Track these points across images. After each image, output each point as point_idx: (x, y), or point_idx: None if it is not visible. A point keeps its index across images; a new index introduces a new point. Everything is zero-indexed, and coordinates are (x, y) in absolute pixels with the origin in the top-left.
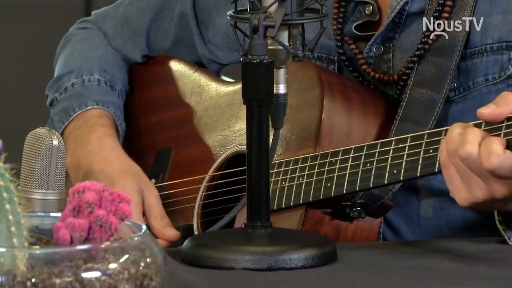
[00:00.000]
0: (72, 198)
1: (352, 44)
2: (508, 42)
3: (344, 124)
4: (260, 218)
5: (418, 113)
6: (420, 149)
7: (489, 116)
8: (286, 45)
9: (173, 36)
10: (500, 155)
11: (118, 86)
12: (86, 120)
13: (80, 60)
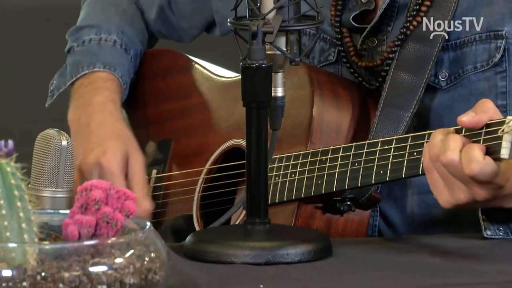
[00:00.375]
0: (80, 196)
1: (348, 37)
2: (496, 31)
3: (334, 121)
4: (259, 215)
5: (401, 97)
6: (405, 151)
7: (469, 123)
8: (284, 50)
9: (190, 5)
10: (480, 161)
11: (133, 49)
12: (93, 81)
13: (102, 15)
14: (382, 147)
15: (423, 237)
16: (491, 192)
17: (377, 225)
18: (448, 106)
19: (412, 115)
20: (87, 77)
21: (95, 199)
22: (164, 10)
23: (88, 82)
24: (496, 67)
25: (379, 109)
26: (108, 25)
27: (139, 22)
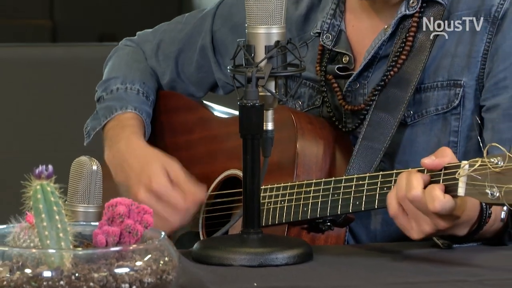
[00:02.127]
0: (107, 211)
1: (334, 83)
2: (455, 80)
3: (313, 156)
4: (253, 226)
5: (376, 132)
6: (376, 187)
7: (430, 165)
8: (273, 92)
9: (196, 63)
10: (441, 200)
11: (151, 97)
12: (120, 121)
13: (126, 70)
14: (357, 182)
15: (386, 245)
16: (450, 222)
17: (346, 240)
18: (411, 139)
19: (385, 148)
20: (115, 119)
21: (119, 214)
22: (175, 79)
23: (115, 124)
24: (453, 110)
25: (358, 142)
26: (132, 77)
27: (154, 77)
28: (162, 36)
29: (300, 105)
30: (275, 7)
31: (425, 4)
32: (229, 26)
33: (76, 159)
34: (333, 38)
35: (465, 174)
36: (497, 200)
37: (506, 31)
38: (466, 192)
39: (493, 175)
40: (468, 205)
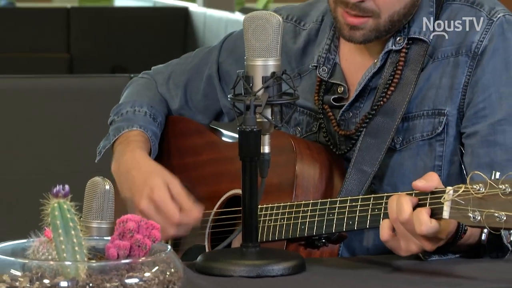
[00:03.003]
0: (118, 226)
1: (330, 112)
2: (439, 109)
3: (311, 178)
4: (251, 240)
5: (367, 157)
6: (368, 208)
7: (421, 187)
8: (270, 119)
9: (203, 91)
10: (428, 224)
11: (158, 119)
12: (127, 138)
13: (137, 96)
14: (351, 203)
15: (376, 257)
16: (435, 243)
17: (340, 253)
18: (399, 163)
19: (374, 171)
20: (122, 136)
21: (129, 229)
22: (183, 107)
23: (123, 140)
24: (437, 137)
25: (351, 166)
26: (141, 101)
27: (163, 103)
28: (173, 68)
29: (299, 131)
30: (271, 41)
31: (411, 41)
32: (233, 58)
33: (90, 179)
34: (329, 71)
35: (449, 199)
36: (478, 223)
37: (485, 65)
38: (451, 215)
39: (475, 200)
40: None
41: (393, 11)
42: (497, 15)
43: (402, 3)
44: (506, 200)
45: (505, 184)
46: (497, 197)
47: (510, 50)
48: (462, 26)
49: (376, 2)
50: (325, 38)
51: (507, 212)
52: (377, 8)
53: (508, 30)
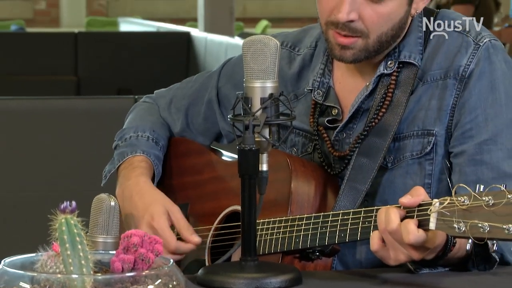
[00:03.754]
0: (123, 241)
1: (324, 134)
2: (428, 130)
3: (305, 195)
4: (250, 254)
5: (360, 175)
6: (359, 221)
7: (406, 203)
8: (268, 138)
9: (203, 115)
10: (415, 234)
11: (161, 143)
12: (131, 163)
13: (140, 121)
14: (343, 217)
15: (366, 271)
16: (422, 253)
17: (335, 266)
18: (390, 180)
19: (367, 189)
20: (128, 161)
21: (134, 243)
22: (185, 129)
23: (128, 165)
24: (426, 156)
25: (344, 184)
26: (143, 126)
27: (165, 127)
28: (174, 92)
29: (295, 152)
30: (269, 64)
31: (402, 65)
32: (232, 83)
33: (96, 196)
34: (323, 94)
35: (436, 210)
36: (463, 234)
37: (471, 88)
38: (437, 226)
39: (460, 212)
40: (438, 238)
41: (381, 32)
42: (483, 40)
43: (389, 24)
44: (489, 211)
45: (488, 196)
46: (481, 208)
47: (495, 74)
48: (462, 26)
49: (365, 23)
50: (319, 63)
51: (490, 222)
52: (365, 29)
53: (494, 54)
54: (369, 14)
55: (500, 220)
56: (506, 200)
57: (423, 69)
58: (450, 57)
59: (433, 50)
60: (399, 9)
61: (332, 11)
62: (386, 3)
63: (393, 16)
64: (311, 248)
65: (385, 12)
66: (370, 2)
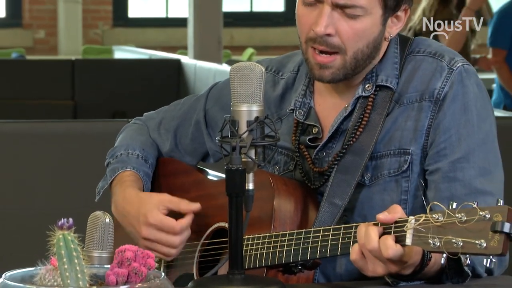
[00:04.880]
0: (117, 256)
1: (305, 152)
2: (404, 149)
3: (288, 212)
4: (237, 268)
5: (338, 191)
6: (339, 237)
7: (384, 220)
8: (253, 158)
9: (191, 135)
10: (394, 248)
11: (150, 161)
12: (121, 178)
13: (130, 140)
14: (324, 233)
15: (347, 283)
16: (399, 266)
17: (317, 278)
18: (368, 197)
19: (345, 204)
20: (117, 178)
21: (127, 258)
22: (173, 149)
23: (118, 181)
24: (403, 173)
25: (324, 199)
26: (133, 145)
27: (154, 146)
28: (164, 114)
29: (277, 169)
30: (255, 89)
31: (378, 88)
32: (219, 105)
33: (92, 213)
34: (305, 113)
35: (412, 227)
36: (437, 249)
37: (445, 110)
38: (413, 242)
39: (434, 228)
40: (414, 252)
41: (357, 48)
42: (457, 64)
43: (364, 41)
44: (462, 227)
45: (461, 213)
46: (454, 225)
47: (468, 96)
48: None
49: (341, 38)
50: (301, 85)
51: (463, 238)
52: (342, 44)
53: (466, 78)
54: (345, 29)
55: (473, 236)
56: (478, 217)
57: (400, 92)
58: (425, 80)
59: (409, 74)
60: (373, 27)
61: (311, 27)
62: (361, 20)
63: (367, 33)
64: (294, 262)
65: (360, 28)
66: (346, 18)
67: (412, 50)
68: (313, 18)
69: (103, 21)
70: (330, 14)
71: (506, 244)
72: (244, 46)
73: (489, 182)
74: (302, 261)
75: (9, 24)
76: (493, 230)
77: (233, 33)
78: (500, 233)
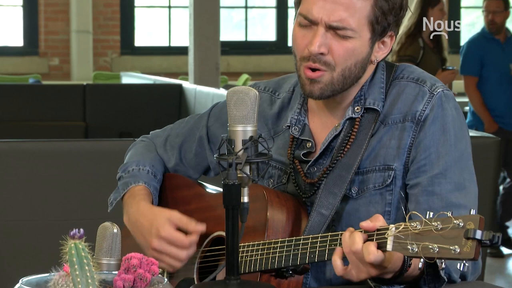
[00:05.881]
0: (124, 263)
1: (299, 166)
2: (388, 165)
3: (280, 221)
4: (233, 274)
5: (326, 202)
6: (326, 243)
7: (366, 227)
8: (248, 174)
9: (194, 150)
10: (375, 254)
11: (158, 176)
12: (133, 192)
13: (141, 156)
14: (312, 240)
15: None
16: (379, 270)
17: (309, 283)
18: (355, 208)
19: (332, 215)
20: (130, 191)
21: (133, 265)
22: (178, 164)
23: (130, 194)
24: (387, 187)
25: (313, 210)
26: (144, 161)
27: (162, 162)
28: (169, 132)
29: (271, 182)
30: (249, 111)
31: (366, 110)
32: (220, 123)
33: (101, 224)
34: (300, 129)
35: (392, 234)
36: (416, 254)
37: (426, 130)
38: (393, 248)
39: (413, 235)
40: (394, 258)
41: (345, 66)
42: (437, 90)
43: (353, 60)
44: (438, 234)
45: (437, 222)
46: (430, 232)
47: (447, 118)
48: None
49: (333, 56)
50: (297, 104)
51: (439, 244)
52: (333, 61)
53: (446, 102)
54: (337, 48)
55: (448, 242)
56: (452, 225)
57: (385, 114)
58: (408, 103)
59: (394, 97)
60: (362, 48)
61: (306, 47)
62: (351, 41)
63: (356, 53)
64: (285, 267)
65: (350, 47)
66: (338, 38)
67: (397, 76)
68: (308, 39)
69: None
70: (324, 34)
71: (478, 249)
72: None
73: (464, 196)
74: (293, 266)
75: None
76: (466, 237)
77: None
78: (473, 240)
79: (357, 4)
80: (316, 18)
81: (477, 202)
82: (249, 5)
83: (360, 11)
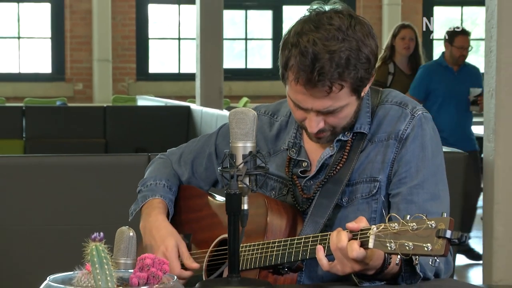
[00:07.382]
0: (139, 262)
1: (297, 181)
2: (374, 177)
3: (278, 226)
4: (234, 272)
5: (319, 211)
6: (317, 242)
7: (351, 227)
8: (248, 185)
9: (205, 165)
10: (358, 251)
11: (173, 189)
12: (151, 204)
13: (158, 172)
14: (305, 240)
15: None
16: (362, 266)
17: (302, 280)
18: (345, 216)
19: (324, 222)
20: (148, 203)
21: (147, 264)
22: (191, 177)
23: (149, 205)
24: (373, 197)
25: (307, 218)
26: (160, 176)
27: (177, 177)
28: (183, 149)
29: (273, 193)
30: (249, 129)
31: (355, 133)
32: (227, 141)
33: (119, 228)
34: (296, 151)
35: (373, 233)
36: (393, 251)
37: (407, 147)
38: (374, 245)
39: (391, 234)
40: (375, 256)
41: (346, 123)
42: (417, 112)
43: (349, 117)
44: (413, 234)
45: (413, 223)
46: (407, 232)
47: (425, 137)
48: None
49: (332, 124)
50: (293, 128)
51: (414, 242)
52: (332, 127)
53: (425, 123)
54: (332, 120)
55: (421, 240)
56: (426, 226)
57: (372, 133)
58: (392, 124)
59: (379, 119)
60: (353, 107)
61: (303, 121)
62: (343, 111)
63: (350, 113)
64: (281, 264)
65: (343, 115)
66: (331, 114)
67: (381, 100)
68: (303, 115)
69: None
70: (317, 116)
71: (448, 247)
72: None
73: (438, 205)
74: (288, 263)
75: (54, 78)
76: (438, 236)
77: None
78: (443, 238)
79: (335, 91)
80: (306, 107)
81: (449, 209)
82: (249, 37)
83: (342, 92)
